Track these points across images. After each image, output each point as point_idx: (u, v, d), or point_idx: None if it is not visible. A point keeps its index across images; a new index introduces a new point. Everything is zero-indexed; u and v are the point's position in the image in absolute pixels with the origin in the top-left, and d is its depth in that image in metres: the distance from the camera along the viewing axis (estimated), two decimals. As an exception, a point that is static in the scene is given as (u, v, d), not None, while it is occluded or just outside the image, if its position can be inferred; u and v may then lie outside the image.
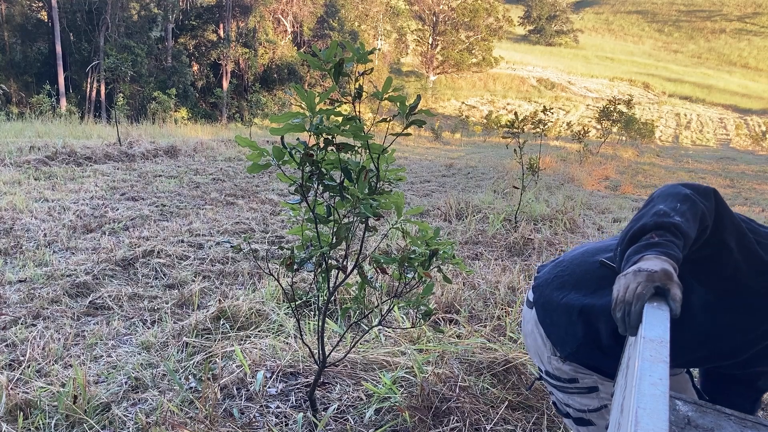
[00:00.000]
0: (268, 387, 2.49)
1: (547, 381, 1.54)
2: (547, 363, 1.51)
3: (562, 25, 75.98)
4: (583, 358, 1.45)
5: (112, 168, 9.52)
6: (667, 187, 1.28)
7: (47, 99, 20.50)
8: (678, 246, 1.09)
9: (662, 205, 1.19)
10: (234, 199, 7.45)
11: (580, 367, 1.46)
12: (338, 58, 1.76)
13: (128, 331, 3.15)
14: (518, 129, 6.51)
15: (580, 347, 1.42)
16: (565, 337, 1.45)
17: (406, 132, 1.92)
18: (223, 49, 33.98)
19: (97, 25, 30.70)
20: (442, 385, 2.41)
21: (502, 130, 9.54)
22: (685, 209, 1.17)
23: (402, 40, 49.17)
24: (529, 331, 1.57)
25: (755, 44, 78.54)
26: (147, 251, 4.54)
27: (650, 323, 0.96)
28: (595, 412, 1.45)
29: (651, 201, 1.25)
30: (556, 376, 1.49)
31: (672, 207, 1.17)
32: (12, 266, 4.14)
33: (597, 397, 1.44)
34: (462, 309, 3.51)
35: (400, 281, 2.08)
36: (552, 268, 1.56)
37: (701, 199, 1.21)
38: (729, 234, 1.22)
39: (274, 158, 1.82)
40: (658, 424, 0.71)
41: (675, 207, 1.17)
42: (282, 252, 4.17)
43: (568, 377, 1.47)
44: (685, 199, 1.20)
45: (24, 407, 2.22)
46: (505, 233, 5.92)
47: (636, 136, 31.09)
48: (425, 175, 12.26)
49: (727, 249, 1.22)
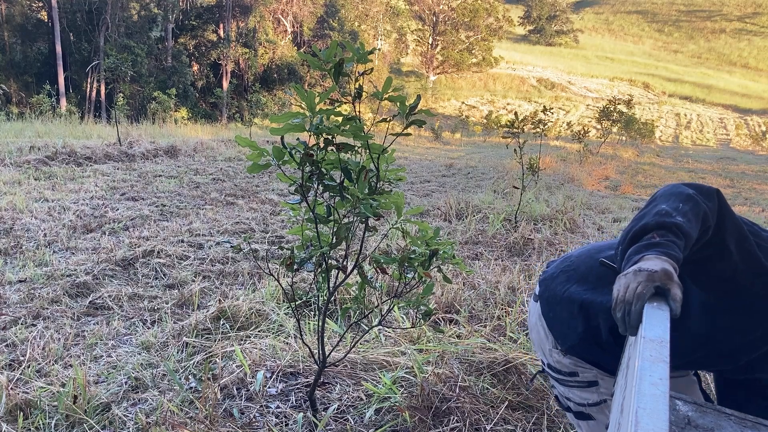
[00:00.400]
0: (268, 387, 2.49)
1: (549, 374, 1.56)
2: (549, 356, 1.53)
3: (562, 25, 75.97)
4: (582, 353, 1.46)
5: (112, 168, 9.52)
6: (670, 186, 1.28)
7: (47, 99, 20.49)
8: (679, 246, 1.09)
9: (664, 204, 1.19)
10: (234, 199, 7.45)
11: (581, 361, 1.47)
12: (338, 58, 1.76)
13: (128, 331, 3.15)
14: (518, 129, 6.51)
15: (579, 341, 1.44)
16: (566, 330, 1.46)
17: (406, 132, 1.92)
18: (223, 49, 33.99)
19: (97, 25, 30.70)
20: (442, 385, 2.41)
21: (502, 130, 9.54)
22: (687, 209, 1.17)
23: (402, 40, 49.16)
24: (534, 323, 1.59)
25: (755, 44, 78.54)
26: (147, 251, 4.54)
27: (650, 323, 0.96)
28: (595, 407, 1.46)
29: (654, 200, 1.25)
30: (558, 369, 1.51)
31: (674, 207, 1.17)
32: (12, 266, 4.14)
33: (596, 391, 1.45)
34: (462, 309, 3.51)
35: (400, 281, 2.08)
36: (559, 263, 1.58)
37: (704, 199, 1.21)
38: (730, 235, 1.22)
39: (274, 158, 1.82)
40: (658, 424, 0.71)
41: (677, 207, 1.17)
42: (282, 252, 4.16)
43: (568, 371, 1.48)
44: (687, 199, 1.19)
45: (24, 407, 2.22)
46: (505, 233, 5.92)
47: (636, 136, 31.09)
48: (425, 175, 12.26)
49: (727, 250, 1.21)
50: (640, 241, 1.13)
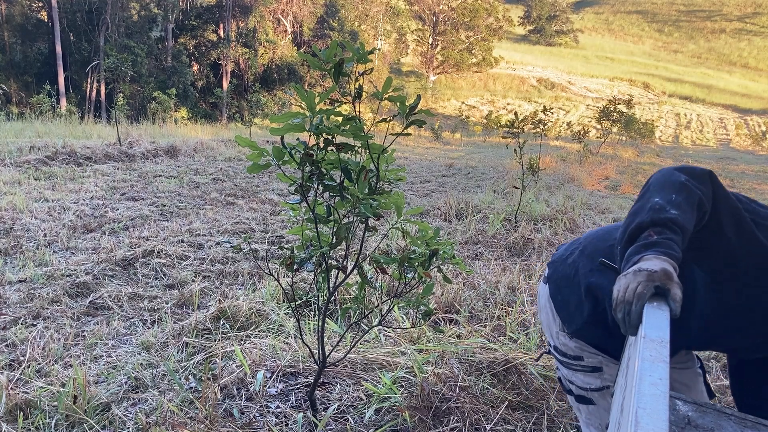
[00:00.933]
0: (268, 387, 2.49)
1: (555, 356, 1.57)
2: (556, 338, 1.54)
3: (562, 25, 75.97)
4: (588, 336, 1.46)
5: (112, 168, 9.52)
6: (663, 173, 1.26)
7: (47, 99, 20.47)
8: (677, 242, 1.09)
9: (658, 197, 1.18)
10: (234, 199, 7.45)
11: (586, 346, 1.47)
12: (338, 58, 1.76)
13: (128, 331, 3.15)
14: (518, 129, 6.52)
15: (585, 324, 1.44)
16: (573, 312, 1.47)
17: (406, 132, 1.92)
18: (223, 49, 33.98)
19: (97, 25, 30.69)
20: (442, 385, 2.41)
21: (502, 130, 9.54)
22: (680, 200, 1.16)
23: (402, 40, 49.15)
24: (543, 305, 1.60)
25: (755, 44, 78.54)
26: (147, 251, 4.54)
27: (650, 323, 0.96)
28: (597, 392, 1.46)
29: (647, 191, 1.24)
30: (563, 352, 1.52)
31: (668, 199, 1.16)
32: (12, 266, 4.14)
33: (600, 377, 1.45)
34: (462, 309, 3.51)
35: (400, 281, 2.08)
36: (569, 246, 1.60)
37: (697, 184, 1.21)
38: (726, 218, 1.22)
39: (274, 158, 1.82)
40: (658, 424, 0.71)
41: (670, 199, 1.16)
42: (282, 252, 4.17)
43: (574, 354, 1.49)
44: (680, 189, 1.19)
45: (24, 407, 2.22)
46: (505, 233, 5.92)
47: (636, 136, 31.11)
48: (425, 175, 12.26)
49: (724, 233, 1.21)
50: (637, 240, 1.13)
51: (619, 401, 1.05)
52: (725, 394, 2.70)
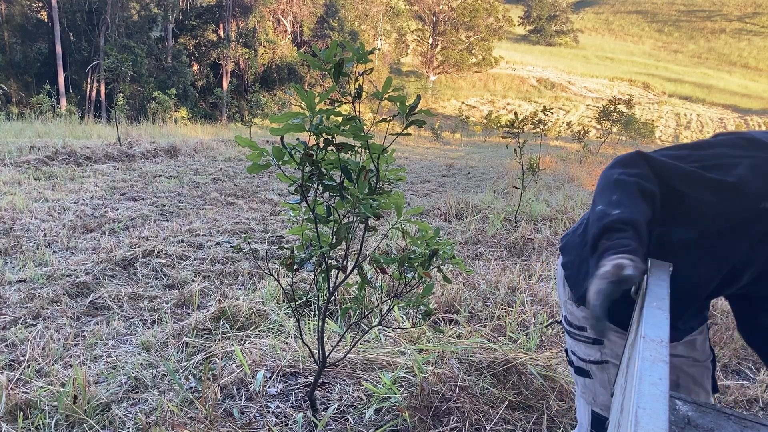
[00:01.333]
0: (268, 387, 2.49)
1: (564, 326, 1.62)
2: (565, 307, 1.59)
3: (562, 25, 75.99)
4: None
5: (112, 168, 9.52)
6: (601, 177, 1.34)
7: (47, 99, 20.48)
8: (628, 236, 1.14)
9: (600, 204, 1.24)
10: (234, 199, 7.45)
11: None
12: (338, 58, 1.76)
13: (128, 331, 3.15)
14: (518, 129, 6.52)
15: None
16: (578, 275, 1.51)
17: (406, 132, 1.92)
18: (223, 49, 33.99)
19: (97, 25, 30.70)
20: (442, 385, 2.41)
21: (502, 130, 9.55)
22: (619, 197, 1.21)
23: (402, 40, 49.16)
24: (559, 275, 1.65)
25: (755, 44, 78.55)
26: (147, 251, 4.54)
27: (650, 323, 0.96)
28: (596, 365, 1.50)
29: (593, 200, 1.31)
30: (570, 322, 1.56)
31: (607, 202, 1.22)
32: (12, 266, 4.14)
33: (600, 350, 1.49)
34: (462, 309, 3.51)
35: (400, 281, 2.08)
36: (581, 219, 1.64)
37: (630, 172, 1.26)
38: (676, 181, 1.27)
39: (274, 158, 1.82)
40: (658, 424, 0.71)
41: (610, 200, 1.22)
42: (282, 252, 4.17)
43: (578, 324, 1.53)
44: (616, 186, 1.24)
45: (24, 407, 2.22)
46: (505, 233, 5.92)
47: (636, 136, 31.12)
48: (425, 175, 12.26)
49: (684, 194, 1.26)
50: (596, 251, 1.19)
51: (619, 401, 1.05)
52: (725, 394, 2.70)
